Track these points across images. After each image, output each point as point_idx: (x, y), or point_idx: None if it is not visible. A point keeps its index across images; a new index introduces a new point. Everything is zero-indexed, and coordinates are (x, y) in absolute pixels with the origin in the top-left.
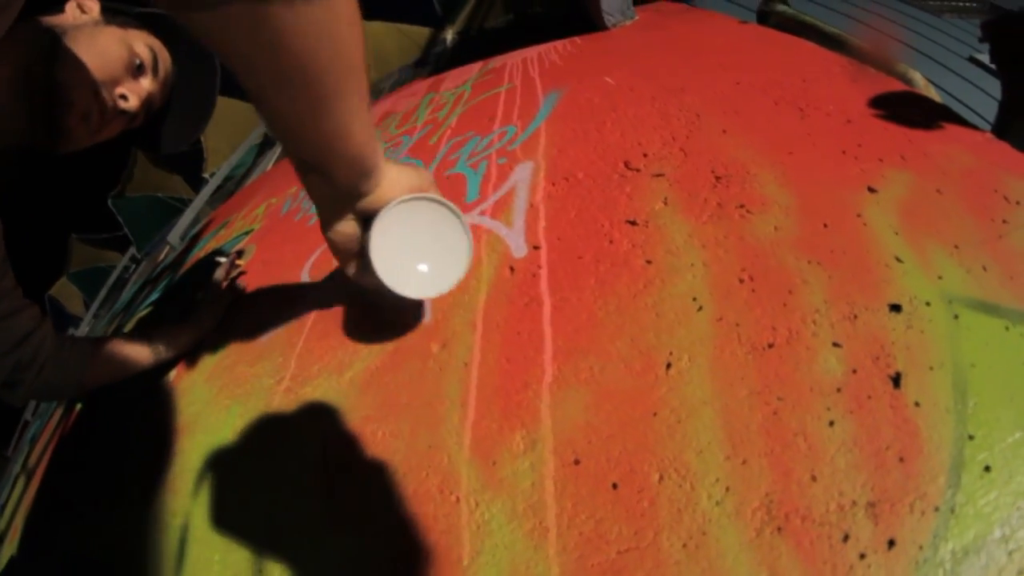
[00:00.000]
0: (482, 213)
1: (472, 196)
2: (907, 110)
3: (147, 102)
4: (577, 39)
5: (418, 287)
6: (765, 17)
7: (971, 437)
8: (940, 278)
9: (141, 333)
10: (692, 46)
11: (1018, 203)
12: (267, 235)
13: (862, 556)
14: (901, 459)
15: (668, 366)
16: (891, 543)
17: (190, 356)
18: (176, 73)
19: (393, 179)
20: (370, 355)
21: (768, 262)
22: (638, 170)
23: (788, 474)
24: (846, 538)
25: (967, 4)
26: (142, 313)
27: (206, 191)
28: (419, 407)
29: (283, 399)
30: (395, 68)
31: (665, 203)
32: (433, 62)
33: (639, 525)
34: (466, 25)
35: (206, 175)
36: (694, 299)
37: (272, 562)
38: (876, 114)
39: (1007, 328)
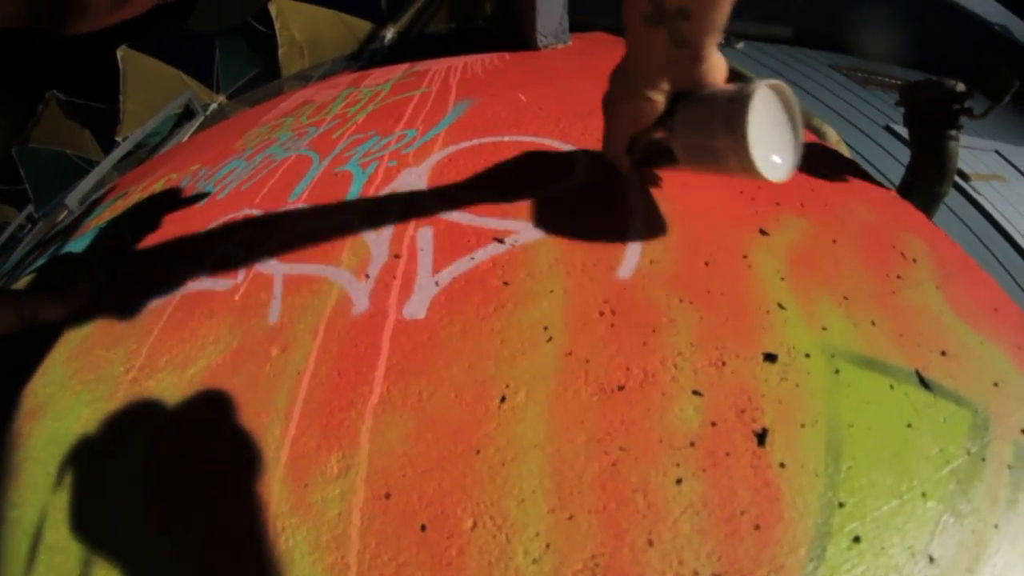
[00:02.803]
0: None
1: (352, 196)
2: (815, 161)
3: None
4: (506, 55)
5: (771, 170)
6: None
7: (841, 504)
8: (824, 329)
9: (11, 293)
10: None
11: (915, 261)
12: None
13: None
14: (757, 526)
15: (502, 399)
16: None
17: (57, 332)
18: None
19: (717, 62)
20: (215, 351)
21: (635, 296)
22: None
23: (620, 536)
24: None
25: (892, 80)
26: (26, 278)
27: (114, 155)
28: (248, 415)
29: (128, 390)
30: (328, 58)
31: None
32: (367, 58)
33: (444, 575)
34: (408, 26)
35: (119, 138)
36: (545, 328)
37: (99, 563)
38: None
39: (891, 387)
